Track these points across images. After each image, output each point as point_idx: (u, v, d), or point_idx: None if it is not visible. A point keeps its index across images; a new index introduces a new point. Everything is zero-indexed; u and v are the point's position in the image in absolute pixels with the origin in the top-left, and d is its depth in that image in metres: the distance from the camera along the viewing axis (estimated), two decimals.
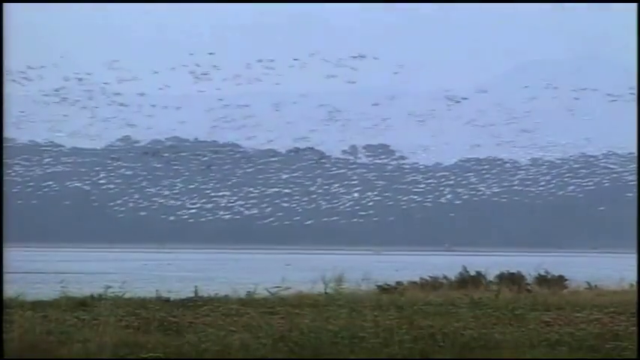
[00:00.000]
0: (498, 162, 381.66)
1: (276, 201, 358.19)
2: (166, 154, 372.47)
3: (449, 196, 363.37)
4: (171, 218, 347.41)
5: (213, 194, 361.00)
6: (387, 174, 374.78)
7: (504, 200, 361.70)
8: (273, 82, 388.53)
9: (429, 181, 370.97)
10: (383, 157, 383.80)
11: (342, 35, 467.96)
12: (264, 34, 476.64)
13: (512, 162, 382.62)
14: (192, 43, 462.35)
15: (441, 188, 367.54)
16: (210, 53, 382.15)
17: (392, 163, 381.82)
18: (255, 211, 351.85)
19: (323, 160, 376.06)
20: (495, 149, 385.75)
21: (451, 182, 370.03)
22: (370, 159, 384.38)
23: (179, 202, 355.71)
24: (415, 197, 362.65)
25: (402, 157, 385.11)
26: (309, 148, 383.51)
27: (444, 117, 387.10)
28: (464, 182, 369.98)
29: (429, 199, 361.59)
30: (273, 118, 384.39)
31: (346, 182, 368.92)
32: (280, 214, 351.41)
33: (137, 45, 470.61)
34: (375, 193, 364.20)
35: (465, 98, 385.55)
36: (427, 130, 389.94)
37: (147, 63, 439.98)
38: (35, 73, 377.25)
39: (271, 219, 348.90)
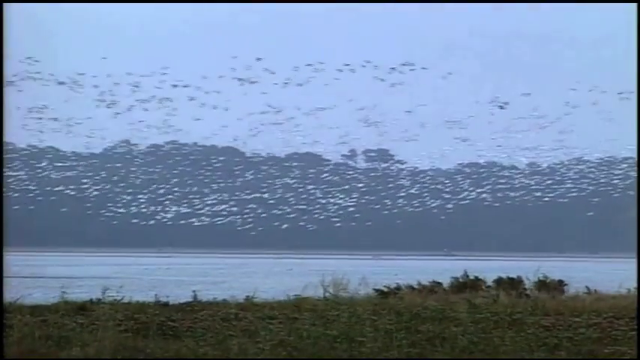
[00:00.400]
0: (497, 166, 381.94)
1: (274, 206, 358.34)
2: (171, 160, 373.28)
3: (447, 201, 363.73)
4: (169, 223, 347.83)
5: (211, 198, 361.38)
6: (385, 178, 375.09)
7: (502, 205, 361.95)
8: (320, 86, 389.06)
9: (427, 185, 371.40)
10: (381, 161, 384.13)
11: (394, 40, 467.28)
12: (314, 38, 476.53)
13: (510, 166, 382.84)
14: (240, 45, 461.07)
15: (439, 193, 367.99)
16: (258, 59, 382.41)
17: (391, 167, 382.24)
18: (252, 216, 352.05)
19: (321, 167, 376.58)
20: (495, 153, 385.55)
21: (449, 187, 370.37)
22: (369, 164, 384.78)
23: (176, 207, 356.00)
24: (413, 202, 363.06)
25: (401, 162, 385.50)
26: (308, 153, 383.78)
27: (474, 123, 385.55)
28: (462, 186, 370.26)
29: (427, 204, 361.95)
30: (307, 122, 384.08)
31: (344, 187, 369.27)
32: (278, 218, 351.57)
33: (184, 48, 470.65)
34: (374, 197, 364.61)
35: (507, 103, 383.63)
36: (449, 135, 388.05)
37: (194, 67, 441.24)
38: (85, 79, 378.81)
39: (269, 224, 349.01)
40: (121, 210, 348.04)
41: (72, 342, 24.89)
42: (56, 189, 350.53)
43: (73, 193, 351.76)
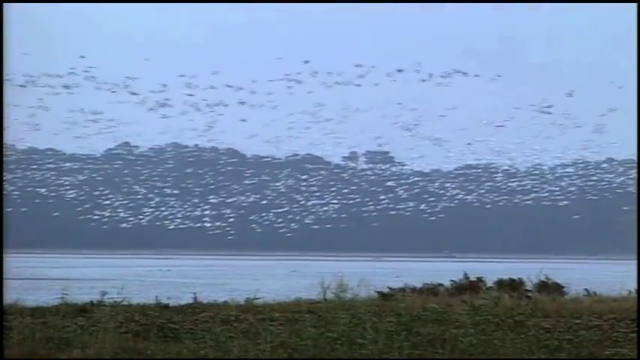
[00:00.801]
0: (495, 169, 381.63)
1: (273, 208, 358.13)
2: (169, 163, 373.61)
3: (447, 203, 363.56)
4: (167, 225, 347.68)
5: (210, 201, 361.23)
6: (385, 180, 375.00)
7: (501, 206, 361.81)
8: (371, 86, 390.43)
9: (427, 187, 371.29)
10: (382, 163, 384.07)
11: (442, 42, 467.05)
12: (367, 40, 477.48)
13: (510, 168, 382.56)
14: (290, 46, 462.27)
15: (439, 195, 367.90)
16: (306, 61, 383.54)
17: (392, 169, 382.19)
18: (250, 218, 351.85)
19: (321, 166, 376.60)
20: (495, 156, 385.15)
21: (449, 189, 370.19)
22: (370, 165, 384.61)
23: (174, 210, 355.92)
24: (413, 204, 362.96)
25: (402, 164, 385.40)
26: (308, 154, 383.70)
27: (511, 126, 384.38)
28: (462, 189, 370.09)
29: (427, 206, 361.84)
30: (335, 125, 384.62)
31: (345, 189, 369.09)
32: (278, 221, 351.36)
33: (234, 50, 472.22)
34: (374, 199, 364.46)
35: (551, 106, 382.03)
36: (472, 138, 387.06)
37: (245, 72, 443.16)
38: (134, 83, 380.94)
39: (268, 226, 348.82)
40: (108, 212, 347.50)
41: (72, 344, 24.89)
42: (41, 191, 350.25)
43: (66, 195, 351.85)
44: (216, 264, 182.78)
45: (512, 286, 45.87)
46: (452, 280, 47.87)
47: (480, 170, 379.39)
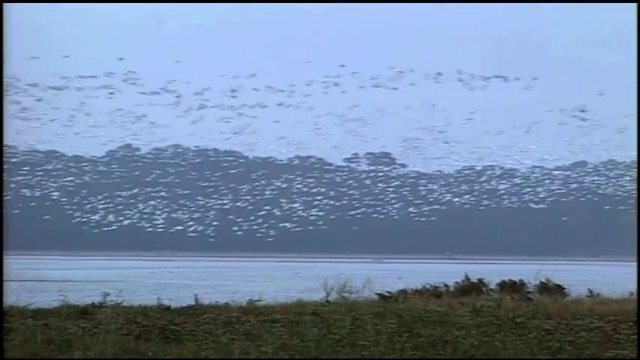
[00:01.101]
0: (495, 170, 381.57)
1: (273, 209, 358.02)
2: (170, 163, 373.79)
3: (448, 204, 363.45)
4: (167, 227, 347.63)
5: (209, 202, 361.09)
6: (386, 182, 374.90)
7: (502, 208, 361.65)
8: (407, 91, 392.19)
9: (429, 188, 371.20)
10: (383, 165, 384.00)
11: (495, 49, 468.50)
12: (400, 44, 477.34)
13: (512, 169, 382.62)
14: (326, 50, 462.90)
15: (441, 196, 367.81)
16: (342, 65, 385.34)
17: (393, 171, 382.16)
18: (251, 219, 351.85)
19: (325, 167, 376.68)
20: (499, 158, 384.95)
21: (450, 190, 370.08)
22: (371, 167, 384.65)
23: (175, 211, 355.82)
24: (414, 205, 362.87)
25: (403, 165, 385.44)
26: (311, 156, 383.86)
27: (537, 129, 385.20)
28: (463, 190, 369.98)
29: (428, 207, 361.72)
30: (361, 126, 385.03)
31: (345, 190, 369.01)
32: (278, 222, 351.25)
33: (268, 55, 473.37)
34: (375, 200, 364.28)
35: (585, 110, 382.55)
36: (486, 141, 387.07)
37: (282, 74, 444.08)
38: (171, 86, 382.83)
39: (270, 227, 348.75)
40: (97, 217, 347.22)
41: (74, 345, 24.86)
42: (38, 193, 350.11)
43: (70, 195, 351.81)
44: (213, 265, 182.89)
45: (514, 287, 45.84)
46: (456, 282, 47.85)
47: (480, 172, 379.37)
